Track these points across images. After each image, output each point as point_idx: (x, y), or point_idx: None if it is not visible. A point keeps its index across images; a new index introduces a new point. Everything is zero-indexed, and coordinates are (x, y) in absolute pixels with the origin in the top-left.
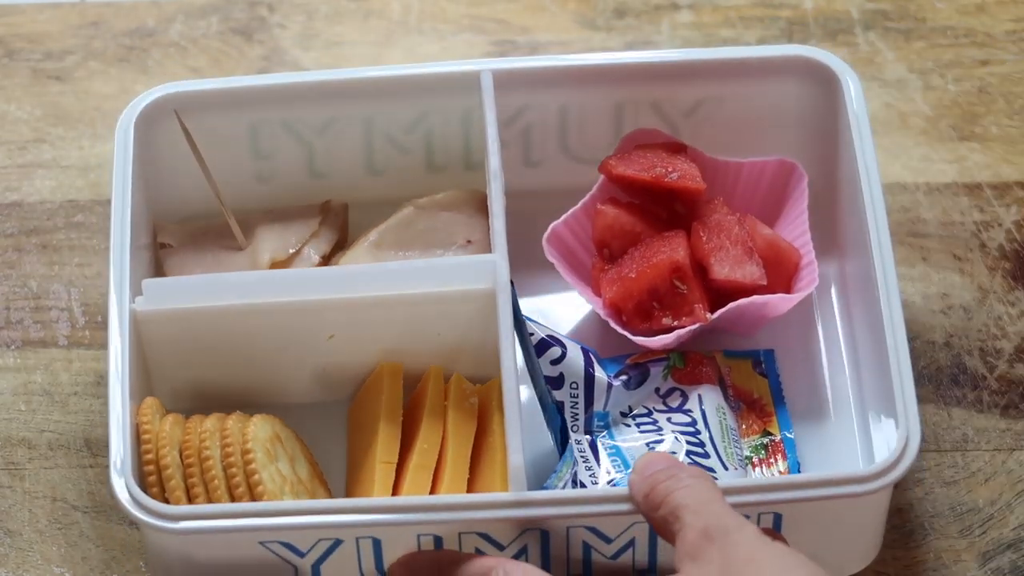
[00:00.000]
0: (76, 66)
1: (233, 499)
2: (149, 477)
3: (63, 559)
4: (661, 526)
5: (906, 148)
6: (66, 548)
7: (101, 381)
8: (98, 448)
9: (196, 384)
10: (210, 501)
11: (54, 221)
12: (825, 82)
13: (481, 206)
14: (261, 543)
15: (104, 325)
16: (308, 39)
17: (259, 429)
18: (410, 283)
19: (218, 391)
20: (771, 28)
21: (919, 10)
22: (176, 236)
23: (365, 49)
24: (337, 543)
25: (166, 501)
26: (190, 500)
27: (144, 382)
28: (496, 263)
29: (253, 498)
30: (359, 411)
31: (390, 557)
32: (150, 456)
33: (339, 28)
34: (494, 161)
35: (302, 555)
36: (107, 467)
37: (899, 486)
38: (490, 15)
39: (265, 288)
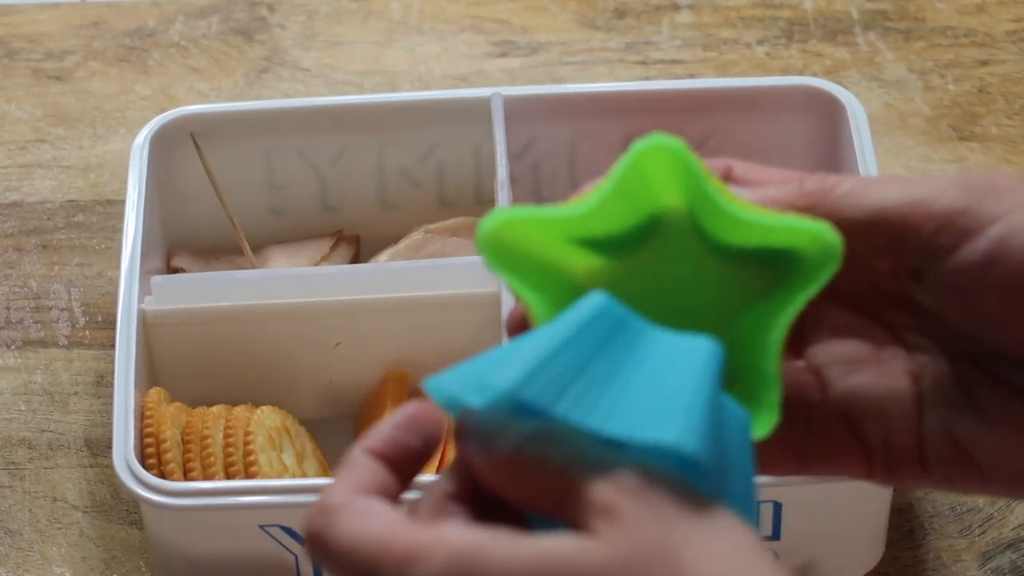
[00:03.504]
0: (76, 66)
1: (227, 479)
2: (148, 450)
3: (63, 559)
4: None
5: (906, 148)
6: (66, 548)
7: (101, 381)
8: (98, 448)
9: (203, 396)
10: (204, 480)
11: (54, 221)
12: (831, 113)
13: None
14: (261, 527)
15: (105, 325)
16: (308, 39)
17: (266, 417)
18: (415, 283)
19: (225, 402)
20: (771, 28)
21: (919, 10)
22: (189, 261)
23: (365, 49)
24: None
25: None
26: (186, 479)
27: (151, 384)
28: None
29: (247, 479)
30: (365, 419)
31: None
32: (151, 430)
33: (339, 28)
34: (502, 172)
35: (302, 542)
36: (107, 467)
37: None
38: (490, 15)
39: (274, 286)
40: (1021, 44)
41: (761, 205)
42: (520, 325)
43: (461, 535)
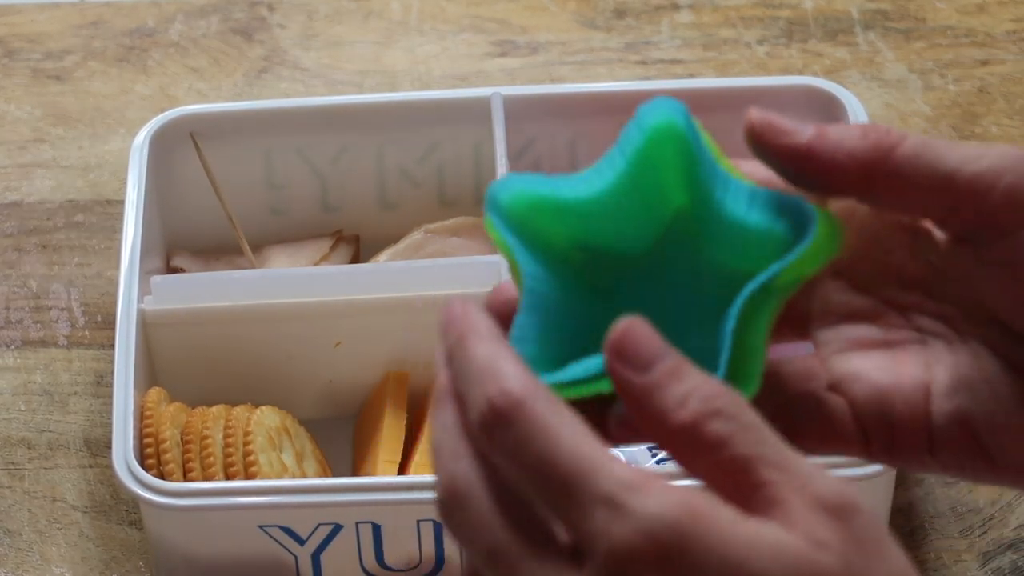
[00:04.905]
0: (76, 66)
1: (227, 479)
2: (147, 450)
3: (63, 559)
4: (709, 474)
5: None
6: (66, 548)
7: (101, 381)
8: (98, 448)
9: (203, 396)
10: (204, 480)
11: (54, 221)
12: (831, 113)
13: None
14: (260, 527)
15: (104, 325)
16: (308, 39)
17: (265, 417)
18: (415, 283)
19: (225, 402)
20: (771, 28)
21: (919, 10)
22: (188, 260)
23: (365, 49)
24: (337, 528)
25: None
26: (186, 479)
27: (150, 384)
28: (500, 264)
29: (247, 479)
30: (365, 419)
31: (390, 548)
32: (150, 430)
33: (339, 28)
34: (501, 172)
35: (302, 542)
36: (107, 467)
37: (900, 486)
38: (490, 15)
39: (274, 286)
40: (1021, 44)
41: (828, 149)
42: (503, 307)
43: (673, 488)
